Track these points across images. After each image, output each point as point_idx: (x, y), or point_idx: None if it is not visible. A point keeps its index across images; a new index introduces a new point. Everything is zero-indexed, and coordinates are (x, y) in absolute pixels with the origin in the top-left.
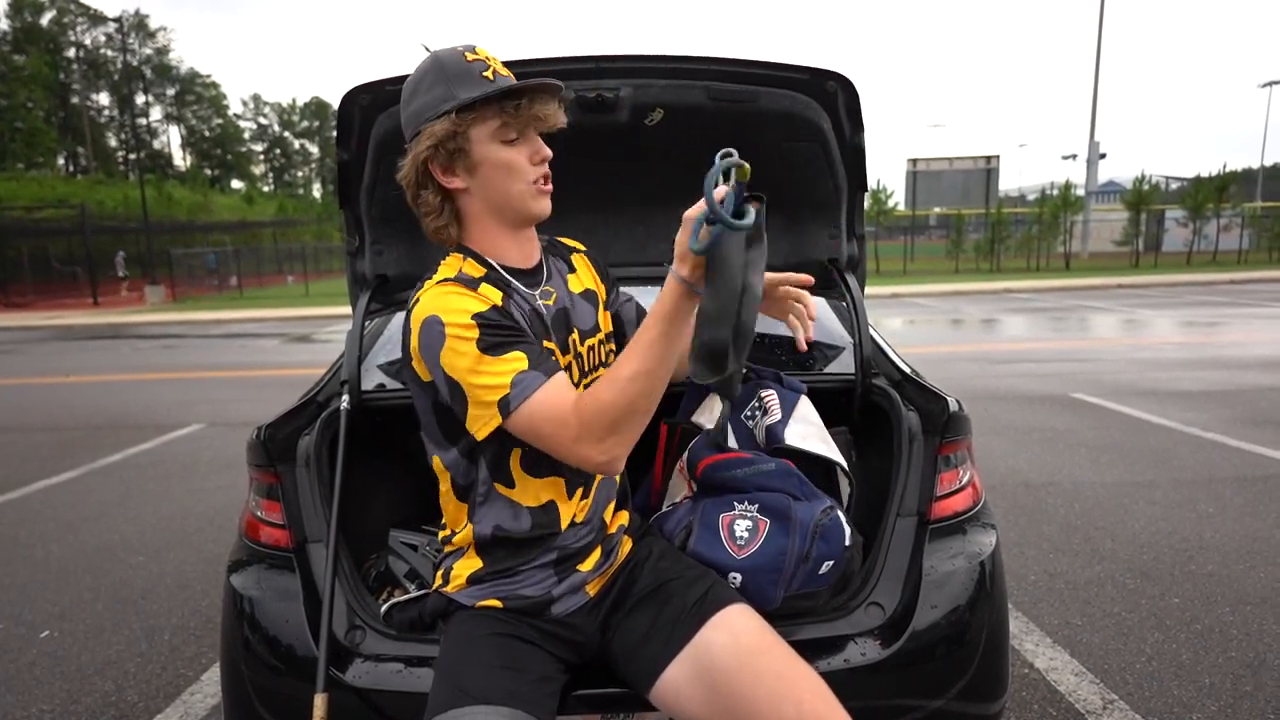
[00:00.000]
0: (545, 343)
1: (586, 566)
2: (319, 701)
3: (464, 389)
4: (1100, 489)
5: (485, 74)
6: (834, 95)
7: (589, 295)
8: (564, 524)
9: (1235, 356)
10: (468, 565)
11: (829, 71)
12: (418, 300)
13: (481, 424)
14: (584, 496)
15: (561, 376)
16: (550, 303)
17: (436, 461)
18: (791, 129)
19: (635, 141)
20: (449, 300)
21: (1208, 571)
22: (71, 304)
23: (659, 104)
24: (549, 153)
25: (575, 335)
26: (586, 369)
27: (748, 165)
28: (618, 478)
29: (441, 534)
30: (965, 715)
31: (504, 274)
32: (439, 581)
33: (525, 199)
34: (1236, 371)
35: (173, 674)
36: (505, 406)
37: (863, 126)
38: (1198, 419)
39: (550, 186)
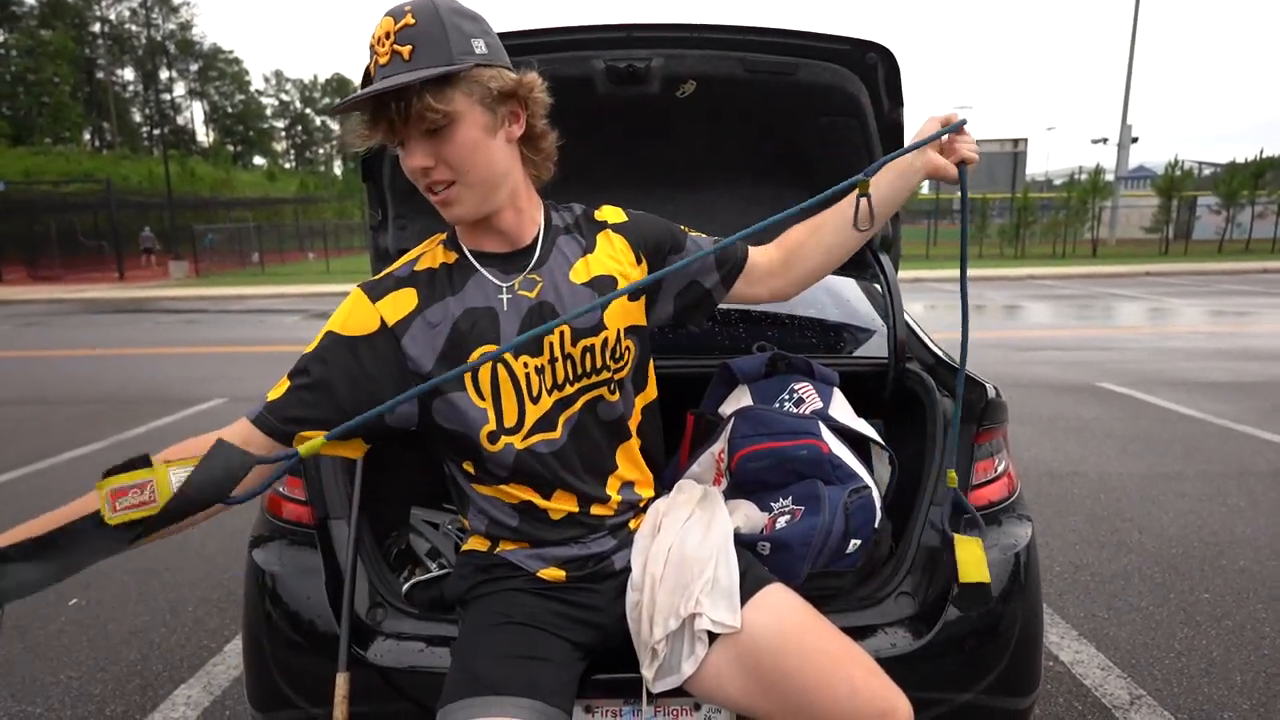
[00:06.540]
0: (488, 346)
1: (636, 524)
2: (340, 680)
3: None
4: (1127, 480)
5: (370, 67)
6: (874, 68)
7: (602, 283)
8: (553, 514)
9: (1268, 347)
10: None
11: (870, 43)
12: None
13: None
14: (567, 491)
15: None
16: (531, 294)
17: None
18: (829, 103)
19: (665, 115)
20: (349, 306)
21: (1239, 567)
22: (97, 278)
23: (692, 75)
24: (418, 163)
25: (560, 334)
26: (578, 373)
27: None
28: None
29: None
30: (995, 709)
31: (472, 260)
32: (477, 546)
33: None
34: (1269, 363)
35: (196, 645)
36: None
37: (902, 102)
38: (1228, 410)
39: (442, 197)
